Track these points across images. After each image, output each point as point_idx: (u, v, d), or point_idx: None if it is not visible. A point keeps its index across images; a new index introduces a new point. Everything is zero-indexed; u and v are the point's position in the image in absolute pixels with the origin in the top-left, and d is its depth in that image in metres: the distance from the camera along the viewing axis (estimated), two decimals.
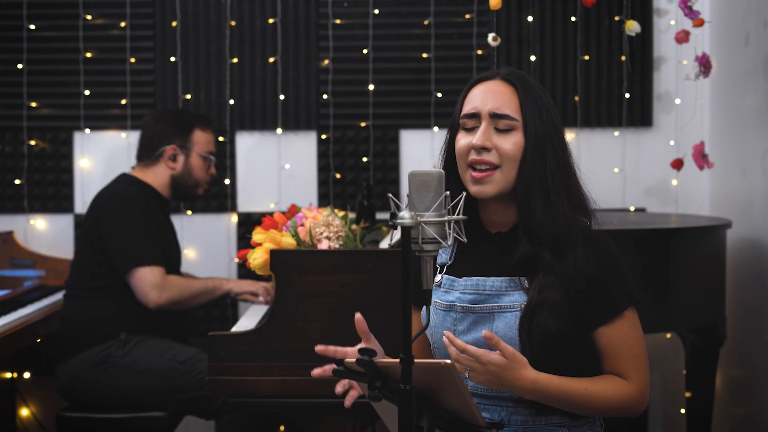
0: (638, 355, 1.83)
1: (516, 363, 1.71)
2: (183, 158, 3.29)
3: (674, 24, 3.76)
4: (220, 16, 3.81)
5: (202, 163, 3.32)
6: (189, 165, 3.30)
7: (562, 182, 1.83)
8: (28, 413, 3.72)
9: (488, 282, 1.85)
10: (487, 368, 1.70)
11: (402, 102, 3.83)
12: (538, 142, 1.83)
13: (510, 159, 1.83)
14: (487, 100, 1.85)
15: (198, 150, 3.31)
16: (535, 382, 1.73)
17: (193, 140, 3.30)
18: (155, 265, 3.08)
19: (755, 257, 3.30)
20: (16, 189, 3.84)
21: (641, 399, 1.83)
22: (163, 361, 3.04)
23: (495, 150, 1.83)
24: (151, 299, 3.05)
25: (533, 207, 1.81)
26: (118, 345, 3.07)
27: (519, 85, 1.86)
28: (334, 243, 2.66)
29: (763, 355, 3.24)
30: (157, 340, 3.11)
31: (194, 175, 3.31)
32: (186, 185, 3.32)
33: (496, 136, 1.84)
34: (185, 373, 3.02)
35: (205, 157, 3.33)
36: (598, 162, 3.77)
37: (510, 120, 1.84)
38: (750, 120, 3.34)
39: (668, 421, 3.85)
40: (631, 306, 1.84)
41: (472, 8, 3.79)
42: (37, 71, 3.82)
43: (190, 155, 3.30)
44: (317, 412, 2.50)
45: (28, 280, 3.58)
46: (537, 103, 1.85)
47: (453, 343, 1.71)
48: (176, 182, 3.30)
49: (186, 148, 3.29)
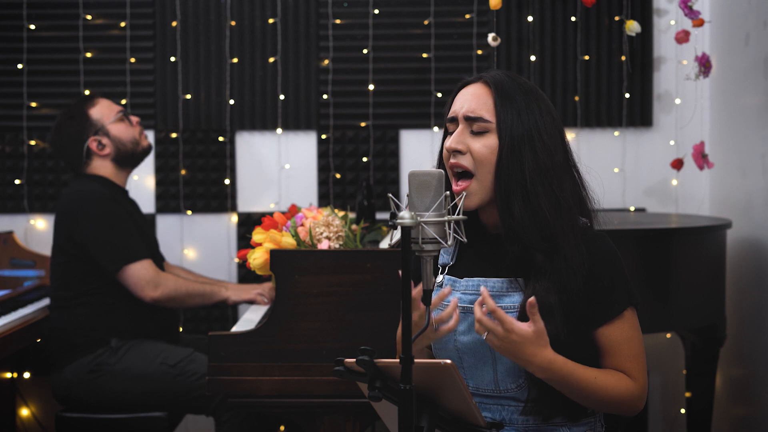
0: (638, 354, 1.84)
1: (540, 339, 1.70)
2: (105, 138, 3.18)
3: (674, 24, 3.77)
4: (220, 16, 3.81)
5: (122, 126, 3.22)
6: (115, 137, 3.19)
7: (544, 183, 1.80)
8: (28, 413, 3.72)
9: (489, 283, 1.85)
10: (509, 336, 1.68)
11: (402, 102, 3.84)
12: (515, 143, 1.81)
13: (483, 162, 1.82)
14: (464, 104, 1.86)
15: (107, 121, 3.19)
16: (551, 363, 1.72)
17: (95, 119, 3.19)
18: (143, 259, 3.05)
19: (755, 257, 3.30)
20: (16, 189, 3.84)
21: (641, 397, 1.84)
22: (154, 365, 3.02)
23: (469, 153, 1.83)
24: (147, 294, 3.03)
25: (512, 209, 1.80)
26: (110, 352, 3.04)
27: (496, 87, 1.85)
28: (334, 243, 2.66)
29: (763, 355, 3.24)
30: (149, 344, 3.08)
31: (124, 138, 3.20)
32: (128, 152, 3.21)
33: (471, 139, 1.84)
34: (177, 377, 3.01)
35: (119, 119, 3.22)
36: (598, 162, 3.77)
37: (483, 122, 1.83)
38: (750, 120, 3.34)
39: (668, 421, 3.85)
40: (630, 306, 1.84)
41: (472, 8, 3.79)
42: (37, 71, 3.82)
43: (107, 130, 3.19)
44: (317, 412, 2.50)
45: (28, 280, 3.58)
46: (516, 104, 1.83)
47: (486, 302, 1.68)
48: (120, 158, 3.20)
49: (101, 129, 3.18)
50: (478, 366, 1.86)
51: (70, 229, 3.08)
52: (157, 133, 3.83)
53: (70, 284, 3.10)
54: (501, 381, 1.84)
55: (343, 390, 2.45)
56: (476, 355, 1.85)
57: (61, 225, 3.11)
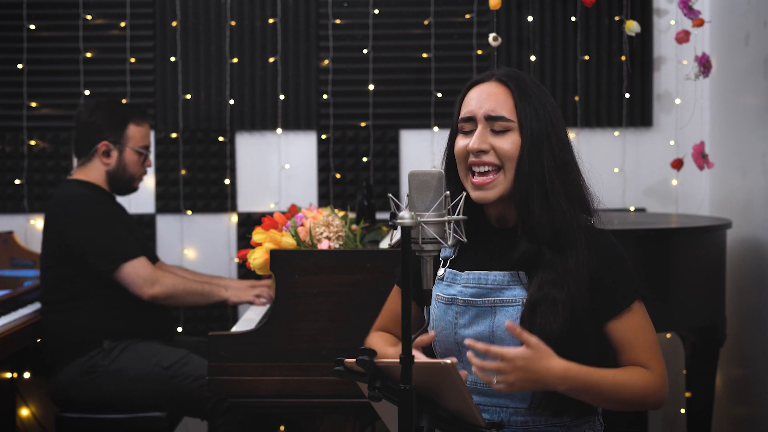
0: (652, 344, 1.84)
1: (542, 352, 1.69)
2: (116, 153, 3.19)
3: (674, 24, 3.76)
4: (220, 16, 3.81)
5: (137, 158, 3.22)
6: (123, 160, 3.19)
7: (561, 180, 1.83)
8: (28, 413, 3.72)
9: (490, 276, 1.86)
10: (515, 364, 1.67)
11: (402, 102, 3.83)
12: (535, 141, 1.83)
13: (509, 159, 1.84)
14: (482, 103, 1.86)
15: (132, 145, 3.20)
16: (567, 371, 1.71)
17: (127, 135, 3.19)
18: (139, 257, 3.05)
19: (755, 257, 3.30)
20: (16, 189, 3.83)
21: (663, 387, 1.83)
22: (149, 367, 3.01)
23: (493, 151, 1.84)
24: (145, 291, 3.03)
25: (531, 206, 1.82)
26: (104, 354, 3.04)
27: (513, 85, 1.86)
28: (334, 243, 2.66)
29: (763, 355, 3.24)
30: (143, 345, 3.08)
31: (129, 170, 3.21)
32: (121, 180, 3.21)
33: (493, 138, 1.85)
34: (171, 379, 3.00)
35: (139, 152, 3.23)
36: (598, 162, 3.76)
37: (505, 121, 1.84)
38: (750, 120, 3.34)
39: (668, 421, 3.85)
40: (638, 299, 1.85)
41: (472, 8, 3.79)
42: (37, 71, 3.82)
43: (124, 150, 3.19)
44: (317, 412, 2.50)
45: (28, 280, 3.57)
46: (533, 102, 1.85)
47: (474, 347, 1.68)
48: (111, 177, 3.20)
49: (120, 144, 3.19)
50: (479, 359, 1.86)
51: (61, 232, 3.07)
52: (157, 133, 3.83)
53: (60, 286, 3.09)
54: None
55: (343, 390, 2.45)
56: None
57: (51, 228, 3.11)
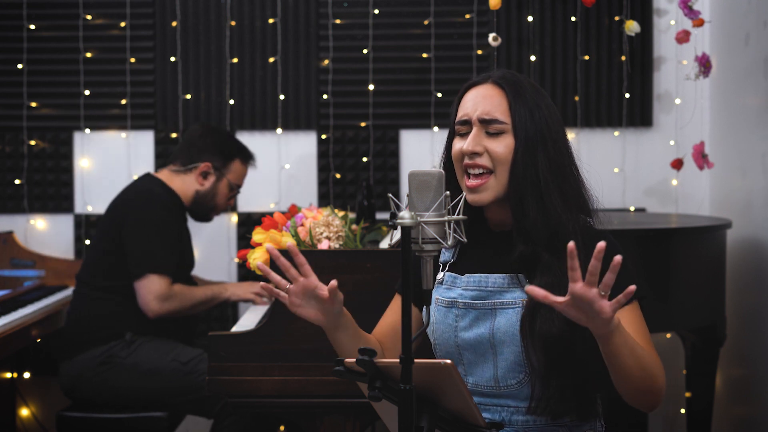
0: (650, 343, 1.84)
1: None
2: (214, 179, 3.28)
3: (674, 24, 3.76)
4: (220, 16, 3.81)
5: (227, 192, 3.33)
6: (216, 188, 3.29)
7: (556, 182, 1.83)
8: (28, 413, 3.72)
9: (490, 279, 1.86)
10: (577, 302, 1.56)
11: (402, 102, 3.84)
12: (529, 143, 1.83)
13: (502, 162, 1.84)
14: (476, 106, 1.87)
15: (230, 178, 3.31)
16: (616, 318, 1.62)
17: (230, 167, 3.31)
18: (165, 274, 3.08)
19: (755, 257, 3.30)
20: (16, 189, 3.84)
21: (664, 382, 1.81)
22: (166, 362, 3.04)
23: (487, 153, 1.85)
24: (152, 308, 3.06)
25: (526, 208, 1.82)
26: (123, 345, 3.07)
27: (509, 87, 1.86)
28: (334, 243, 2.66)
29: (763, 355, 3.24)
30: (162, 341, 3.11)
31: (216, 199, 3.31)
32: (204, 206, 3.31)
33: (488, 140, 1.85)
34: (188, 374, 3.02)
35: (232, 188, 3.33)
36: (598, 162, 3.77)
37: (499, 124, 1.85)
38: (750, 120, 3.34)
39: (668, 421, 3.85)
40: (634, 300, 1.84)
41: (472, 8, 3.79)
42: (37, 71, 3.82)
43: (222, 180, 3.30)
44: (317, 412, 2.50)
45: (28, 280, 3.58)
46: (528, 104, 1.85)
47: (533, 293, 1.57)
48: (198, 200, 3.28)
49: (221, 172, 3.29)
50: (478, 362, 1.86)
51: (122, 220, 3.13)
52: (157, 133, 3.83)
53: (104, 273, 3.14)
54: (501, 377, 1.84)
55: (343, 390, 2.45)
56: (476, 351, 1.86)
57: (115, 214, 3.17)
